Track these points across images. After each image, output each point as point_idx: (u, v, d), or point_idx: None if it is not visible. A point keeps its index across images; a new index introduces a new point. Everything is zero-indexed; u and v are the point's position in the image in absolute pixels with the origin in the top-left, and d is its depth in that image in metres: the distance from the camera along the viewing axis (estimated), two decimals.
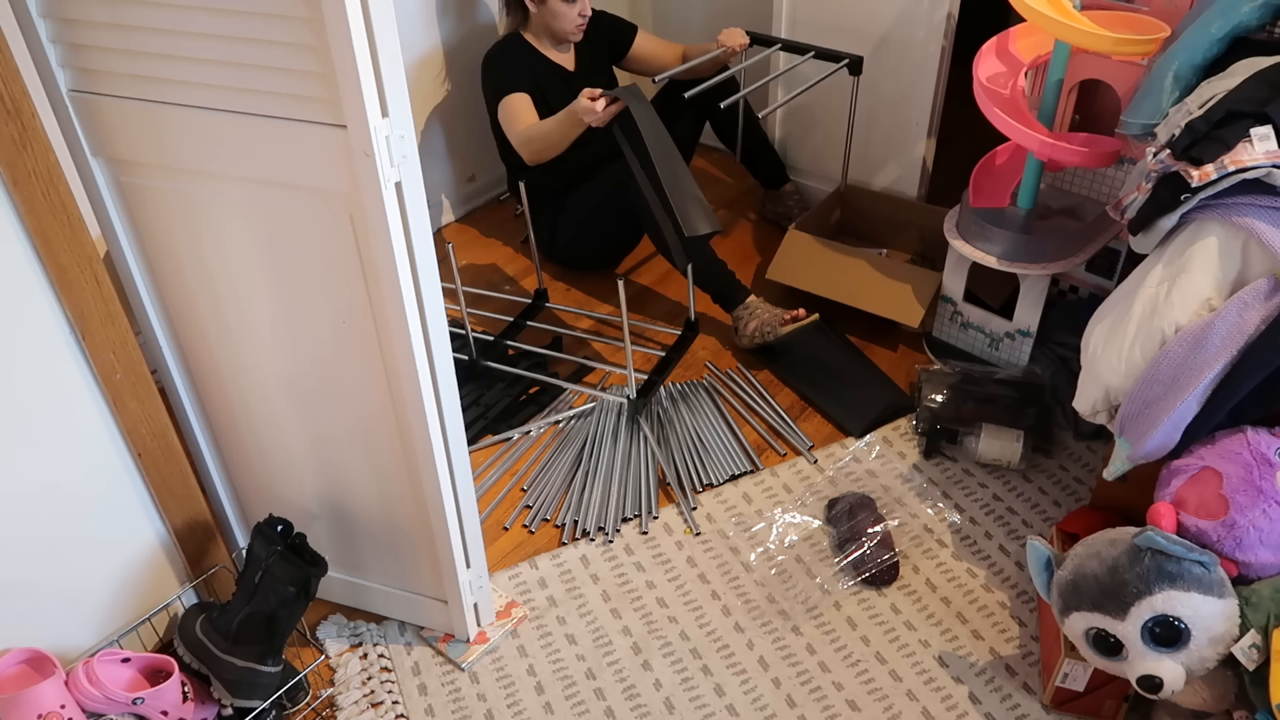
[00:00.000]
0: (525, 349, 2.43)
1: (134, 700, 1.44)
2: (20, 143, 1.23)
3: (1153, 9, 1.94)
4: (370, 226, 1.25)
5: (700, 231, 2.06)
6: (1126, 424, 1.47)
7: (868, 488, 2.03)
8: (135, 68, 1.26)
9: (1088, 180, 2.20)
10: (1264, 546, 1.36)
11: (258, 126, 1.23)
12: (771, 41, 2.55)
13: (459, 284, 2.30)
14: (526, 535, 1.97)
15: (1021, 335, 2.20)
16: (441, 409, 1.44)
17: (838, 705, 1.64)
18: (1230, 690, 1.41)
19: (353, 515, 1.66)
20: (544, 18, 2.45)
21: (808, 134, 2.80)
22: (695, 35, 3.03)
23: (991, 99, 1.92)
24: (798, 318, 2.29)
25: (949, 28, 2.38)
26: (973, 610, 1.79)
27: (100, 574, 1.55)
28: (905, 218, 2.62)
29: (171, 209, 1.38)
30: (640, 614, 1.81)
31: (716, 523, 1.97)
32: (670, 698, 1.67)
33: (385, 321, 1.34)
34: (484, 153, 2.94)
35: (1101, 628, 1.39)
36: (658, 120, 2.15)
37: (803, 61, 2.50)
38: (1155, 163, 1.47)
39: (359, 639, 1.77)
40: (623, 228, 2.59)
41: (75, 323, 1.37)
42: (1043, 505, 1.98)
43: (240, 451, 1.67)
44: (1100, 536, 1.45)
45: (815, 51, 2.47)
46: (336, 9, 1.07)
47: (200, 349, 1.55)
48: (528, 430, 2.21)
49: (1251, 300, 1.35)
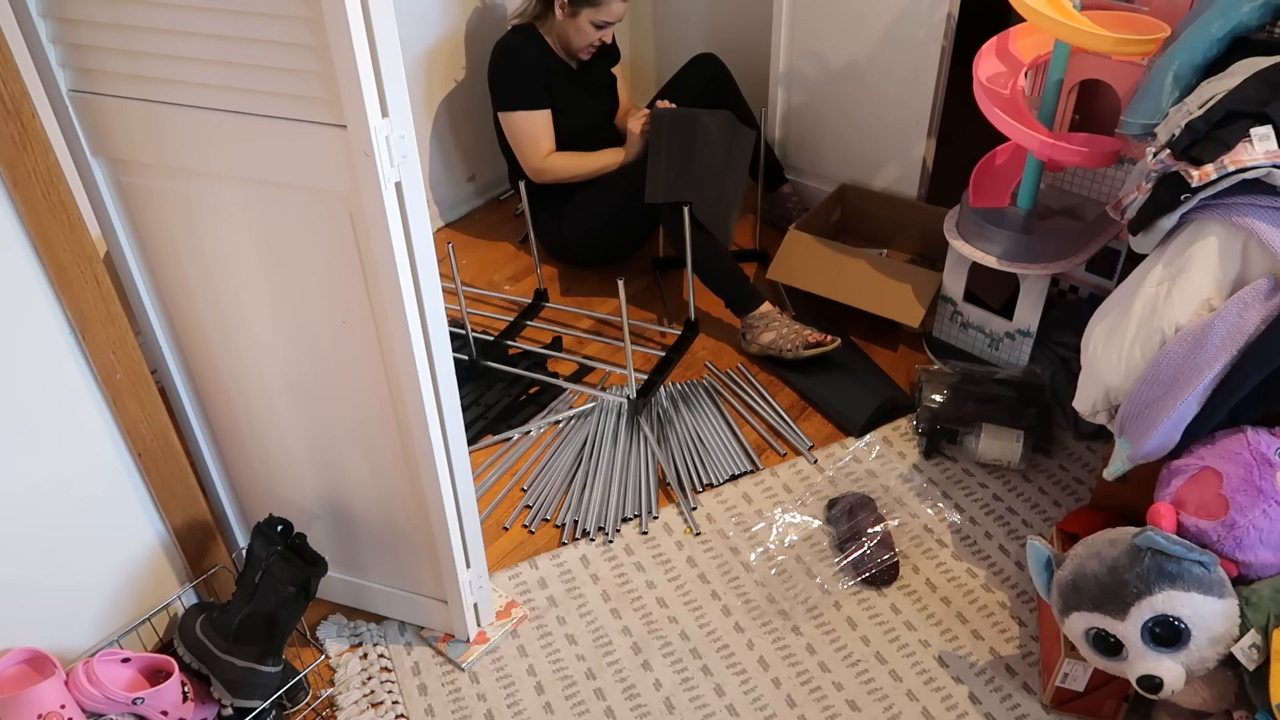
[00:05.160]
0: (525, 349, 2.43)
1: (134, 700, 1.44)
2: (20, 143, 1.23)
3: (1153, 9, 1.94)
4: (370, 226, 1.25)
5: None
6: (1126, 424, 1.47)
7: (868, 488, 2.03)
8: (135, 68, 1.26)
9: (1088, 180, 2.20)
10: (1264, 546, 1.36)
11: (258, 126, 1.23)
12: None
13: (459, 284, 2.30)
14: (526, 535, 1.97)
15: (1021, 335, 2.20)
16: (441, 409, 1.44)
17: (838, 705, 1.64)
18: (1230, 690, 1.41)
19: (353, 515, 1.66)
20: (566, 27, 2.45)
21: (808, 134, 2.80)
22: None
23: (991, 99, 1.92)
24: (822, 343, 2.25)
25: (949, 28, 2.38)
26: (973, 610, 1.79)
27: (100, 574, 1.55)
28: (905, 218, 2.62)
29: (172, 209, 1.38)
30: (640, 614, 1.81)
31: (716, 523, 1.97)
32: (670, 698, 1.67)
33: (385, 321, 1.34)
34: (484, 152, 2.94)
35: (1101, 628, 1.39)
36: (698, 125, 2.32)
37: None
38: (1155, 163, 1.47)
39: (359, 639, 1.77)
40: (635, 221, 2.57)
41: (75, 323, 1.37)
42: (1043, 505, 1.98)
43: (240, 451, 1.67)
44: (1100, 536, 1.45)
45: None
46: (336, 9, 1.07)
47: (200, 349, 1.55)
48: (528, 430, 2.21)
49: (1251, 300, 1.35)
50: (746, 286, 2.37)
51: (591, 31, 2.43)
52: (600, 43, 2.49)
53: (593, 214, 2.55)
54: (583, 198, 2.55)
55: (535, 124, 2.48)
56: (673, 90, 2.65)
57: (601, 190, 2.52)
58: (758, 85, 2.81)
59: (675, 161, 2.29)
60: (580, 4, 2.39)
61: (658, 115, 2.35)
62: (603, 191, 2.52)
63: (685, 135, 2.31)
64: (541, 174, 2.52)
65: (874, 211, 2.68)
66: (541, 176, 2.53)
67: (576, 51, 2.50)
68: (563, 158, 2.51)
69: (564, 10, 2.41)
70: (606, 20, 2.42)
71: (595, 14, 2.40)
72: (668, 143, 2.30)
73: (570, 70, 2.54)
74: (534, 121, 2.48)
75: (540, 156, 2.50)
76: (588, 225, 2.57)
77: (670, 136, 2.31)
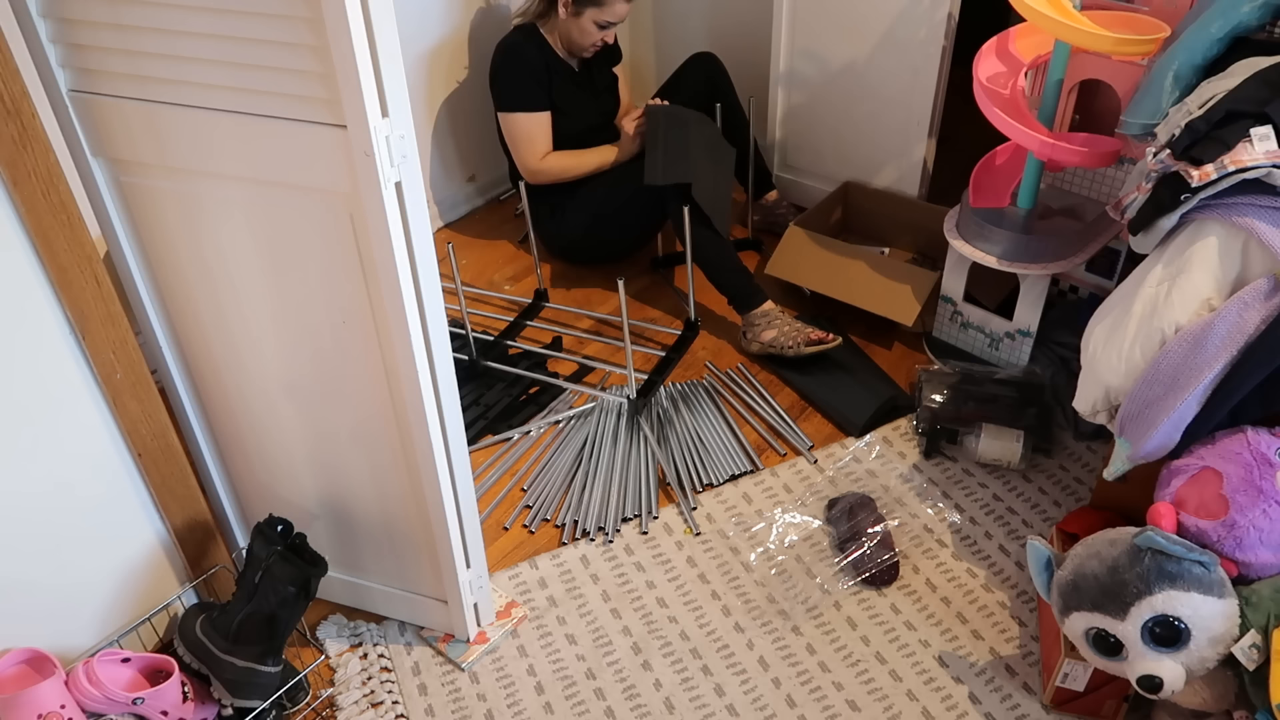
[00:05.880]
0: (525, 349, 2.43)
1: (134, 700, 1.44)
2: (20, 143, 1.23)
3: (1153, 9, 1.94)
4: (370, 226, 1.25)
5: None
6: (1126, 424, 1.47)
7: (868, 488, 2.03)
8: (135, 68, 1.26)
9: (1088, 180, 2.20)
10: (1264, 546, 1.36)
11: (258, 126, 1.23)
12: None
13: (459, 284, 2.31)
14: (526, 535, 1.97)
15: (1021, 335, 2.20)
16: (441, 409, 1.44)
17: (838, 705, 1.64)
18: (1230, 690, 1.41)
19: (353, 515, 1.66)
20: (569, 27, 2.45)
21: (808, 134, 2.80)
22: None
23: (991, 99, 1.92)
24: (824, 341, 2.26)
25: (949, 28, 2.38)
26: (973, 610, 1.79)
27: (100, 574, 1.56)
28: (906, 217, 2.62)
29: (172, 209, 1.38)
30: (640, 614, 1.81)
31: (716, 523, 1.97)
32: (670, 698, 1.67)
33: (385, 321, 1.34)
34: (485, 152, 2.94)
35: (1101, 628, 1.39)
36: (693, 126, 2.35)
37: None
38: (1155, 163, 1.47)
39: (359, 639, 1.77)
40: (635, 219, 2.57)
41: (75, 323, 1.37)
42: (1043, 505, 1.98)
43: (240, 451, 1.67)
44: (1100, 536, 1.45)
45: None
46: (336, 9, 1.07)
47: (200, 349, 1.55)
48: (528, 430, 2.21)
49: (1251, 300, 1.35)
50: (750, 284, 2.37)
51: (595, 31, 2.44)
52: (603, 42, 2.49)
53: (593, 213, 2.55)
54: (583, 196, 2.55)
55: (533, 126, 2.49)
56: (671, 89, 2.65)
57: (602, 189, 2.53)
58: (758, 85, 2.81)
59: (672, 149, 2.32)
60: (584, 3, 2.39)
61: (653, 110, 2.39)
62: (603, 190, 2.52)
63: (680, 128, 2.34)
64: (537, 176, 2.52)
65: (875, 210, 2.68)
66: (537, 178, 2.53)
67: (579, 51, 2.50)
68: (557, 158, 2.51)
69: (567, 9, 2.41)
70: (610, 20, 2.42)
71: (599, 14, 2.40)
72: (664, 134, 2.33)
73: (571, 71, 2.54)
74: (532, 123, 2.49)
75: (536, 158, 2.50)
76: (588, 224, 2.57)
77: (667, 128, 2.34)
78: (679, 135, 2.33)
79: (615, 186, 2.50)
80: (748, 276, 2.38)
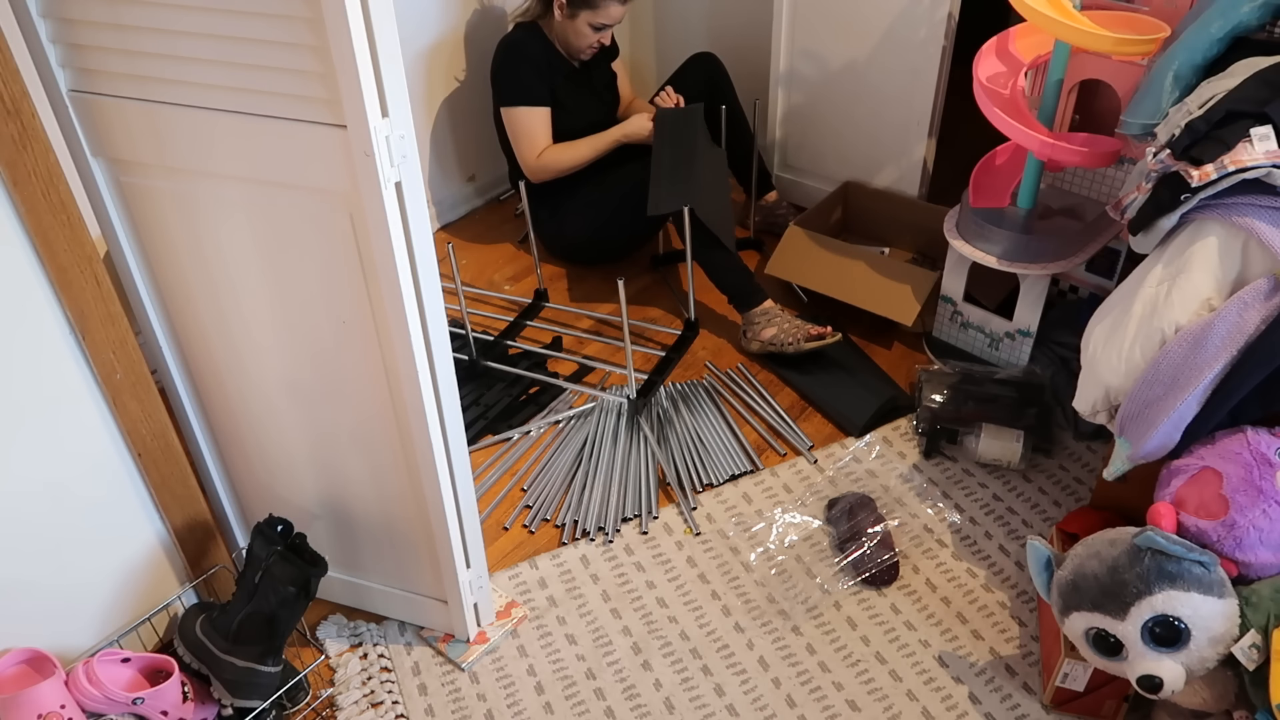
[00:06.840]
0: (525, 349, 2.43)
1: (134, 700, 1.44)
2: (20, 143, 1.23)
3: (1153, 9, 1.94)
4: (370, 226, 1.25)
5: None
6: (1126, 424, 1.47)
7: (868, 488, 2.03)
8: (135, 68, 1.26)
9: (1088, 180, 2.20)
10: (1264, 546, 1.36)
11: (258, 126, 1.23)
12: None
13: (459, 284, 2.31)
14: (526, 535, 1.97)
15: (1021, 335, 2.20)
16: (441, 409, 1.44)
17: (838, 705, 1.64)
18: (1230, 690, 1.41)
19: (353, 515, 1.66)
20: (565, 29, 2.45)
21: (808, 134, 2.80)
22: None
23: (991, 99, 1.92)
24: (823, 335, 2.26)
25: (949, 28, 2.38)
26: (973, 610, 1.79)
27: (100, 574, 1.55)
28: (906, 217, 2.62)
29: (171, 209, 1.38)
30: (640, 614, 1.81)
31: (716, 523, 1.97)
32: (670, 698, 1.67)
33: (385, 321, 1.34)
34: (484, 152, 2.94)
35: (1101, 628, 1.39)
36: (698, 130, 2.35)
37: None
38: (1155, 163, 1.47)
39: (359, 639, 1.77)
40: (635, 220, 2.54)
41: (75, 323, 1.37)
42: (1043, 505, 1.98)
43: (240, 451, 1.67)
44: (1100, 536, 1.45)
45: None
46: (336, 9, 1.07)
47: (200, 349, 1.55)
48: (528, 430, 2.21)
49: (1251, 300, 1.35)
50: (750, 282, 2.37)
51: (590, 33, 2.44)
52: (599, 44, 2.49)
53: (593, 213, 2.55)
54: (583, 197, 2.55)
55: (534, 120, 2.49)
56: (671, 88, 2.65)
57: (602, 189, 2.53)
58: (758, 85, 2.81)
59: (676, 168, 2.30)
60: (579, 6, 2.39)
61: (661, 116, 2.37)
62: (603, 190, 2.52)
63: (688, 136, 2.32)
64: (538, 171, 2.52)
65: (876, 210, 2.68)
66: (538, 174, 2.53)
67: (576, 53, 2.50)
68: (557, 149, 2.50)
69: (562, 11, 2.41)
70: (604, 22, 2.42)
71: (593, 16, 2.40)
72: (670, 146, 2.31)
73: (572, 69, 2.54)
74: (534, 118, 2.48)
75: (536, 154, 2.50)
76: (588, 224, 2.57)
77: (673, 138, 2.32)
78: (686, 145, 2.32)
79: (612, 189, 2.50)
80: (748, 275, 2.38)
